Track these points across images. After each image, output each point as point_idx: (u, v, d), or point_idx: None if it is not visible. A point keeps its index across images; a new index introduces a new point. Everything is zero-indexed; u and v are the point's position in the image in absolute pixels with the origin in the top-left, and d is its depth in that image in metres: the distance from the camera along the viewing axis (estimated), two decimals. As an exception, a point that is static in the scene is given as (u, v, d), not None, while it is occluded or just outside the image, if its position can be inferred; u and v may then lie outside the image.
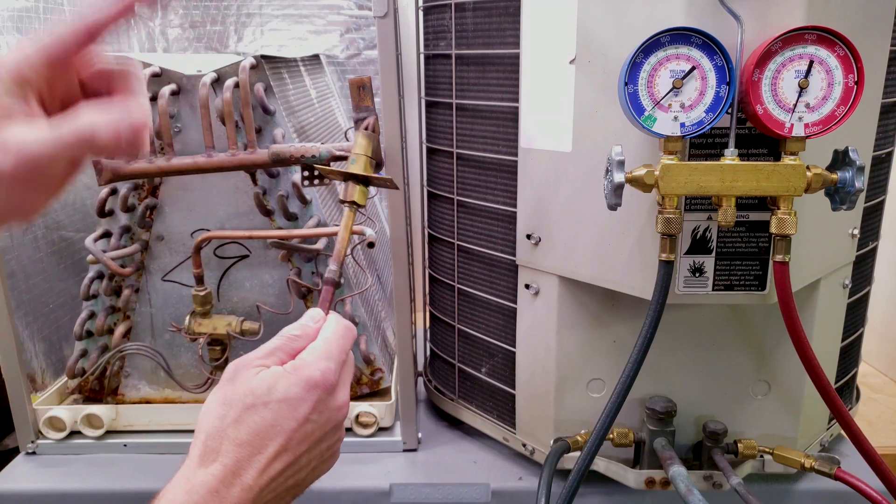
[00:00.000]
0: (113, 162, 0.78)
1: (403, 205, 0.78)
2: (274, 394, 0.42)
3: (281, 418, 0.42)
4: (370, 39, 1.34)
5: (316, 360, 0.44)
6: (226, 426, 0.41)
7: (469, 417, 0.89)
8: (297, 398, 0.42)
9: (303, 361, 0.44)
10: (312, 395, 0.43)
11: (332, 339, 0.46)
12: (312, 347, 0.45)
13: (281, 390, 0.42)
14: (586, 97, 0.65)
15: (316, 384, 0.43)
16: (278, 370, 0.43)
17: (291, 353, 0.45)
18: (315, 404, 0.43)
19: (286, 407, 0.42)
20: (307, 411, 0.43)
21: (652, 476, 0.73)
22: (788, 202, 0.58)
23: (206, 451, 0.41)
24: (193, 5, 1.32)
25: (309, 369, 0.43)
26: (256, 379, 0.43)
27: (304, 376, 0.43)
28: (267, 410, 0.42)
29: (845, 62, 0.56)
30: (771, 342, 0.72)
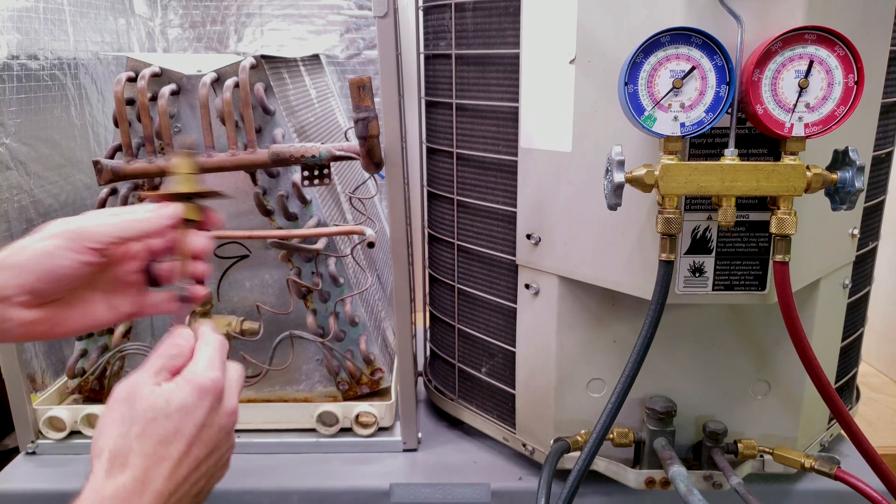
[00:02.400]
0: (113, 162, 0.78)
1: (403, 205, 0.78)
2: (172, 404, 0.45)
3: (181, 425, 0.45)
4: (370, 39, 1.34)
5: (204, 370, 0.47)
6: (130, 441, 0.43)
7: (469, 417, 0.89)
8: (193, 405, 0.45)
9: (192, 373, 0.47)
10: (205, 402, 0.46)
11: (213, 350, 0.49)
12: (196, 360, 0.48)
13: (178, 400, 0.45)
14: (586, 97, 0.65)
15: (207, 391, 0.46)
16: (170, 385, 0.46)
17: (174, 370, 0.48)
18: (209, 410, 0.46)
19: (184, 415, 0.45)
20: (202, 416, 0.46)
21: (652, 476, 0.73)
22: (788, 202, 0.58)
23: (112, 465, 0.43)
24: (193, 5, 1.32)
25: (199, 378, 0.47)
26: (154, 395, 0.45)
27: (197, 385, 0.46)
28: (168, 421, 0.44)
29: (845, 62, 0.56)
30: (771, 342, 0.72)
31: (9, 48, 0.90)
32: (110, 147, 0.82)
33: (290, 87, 0.94)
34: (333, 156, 0.76)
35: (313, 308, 0.85)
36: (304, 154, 0.76)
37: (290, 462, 0.85)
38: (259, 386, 0.88)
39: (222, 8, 1.32)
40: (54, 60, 1.00)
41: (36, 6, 0.97)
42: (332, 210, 0.91)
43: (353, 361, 0.87)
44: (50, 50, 0.99)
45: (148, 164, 0.77)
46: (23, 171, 0.93)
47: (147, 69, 0.79)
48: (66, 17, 1.04)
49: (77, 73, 1.06)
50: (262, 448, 0.87)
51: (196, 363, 0.48)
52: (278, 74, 0.90)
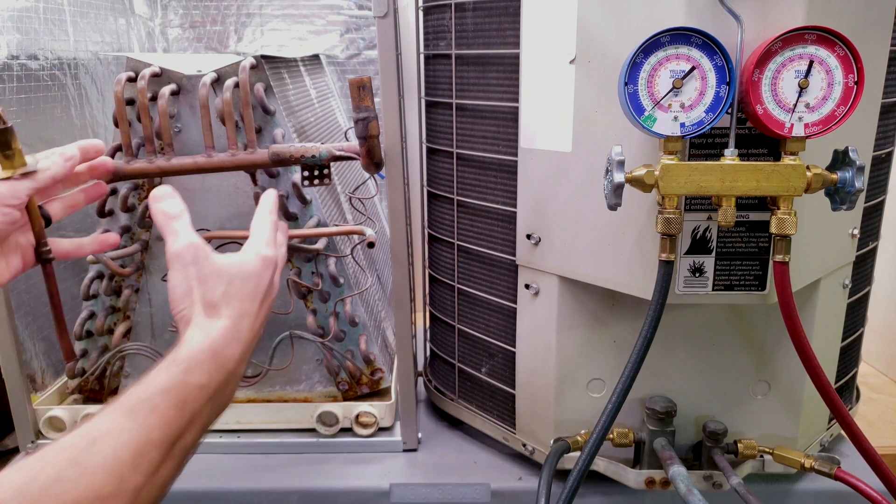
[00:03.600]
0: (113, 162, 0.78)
1: (403, 205, 0.78)
2: (246, 270, 0.55)
3: (256, 288, 0.55)
4: (370, 39, 1.34)
5: (266, 244, 0.58)
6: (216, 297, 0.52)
7: (469, 417, 0.89)
8: (261, 272, 0.56)
9: (258, 246, 0.58)
10: (268, 271, 0.57)
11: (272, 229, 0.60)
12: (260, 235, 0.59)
13: (250, 267, 0.55)
14: (586, 97, 0.65)
15: (270, 262, 0.57)
16: (240, 254, 0.57)
17: None
18: (270, 278, 0.57)
19: (257, 279, 0.55)
20: (267, 282, 0.56)
21: (652, 476, 0.73)
22: (788, 202, 0.58)
23: (207, 313, 0.51)
24: (193, 5, 1.32)
25: (264, 251, 0.57)
26: (227, 260, 0.55)
27: (262, 256, 0.57)
28: (246, 283, 0.54)
29: (845, 62, 0.56)
30: (771, 342, 0.72)
31: (9, 48, 0.90)
32: (110, 147, 0.82)
33: (290, 87, 0.94)
34: (333, 156, 0.76)
35: (313, 308, 0.85)
36: (304, 154, 0.76)
37: (290, 462, 0.85)
38: (259, 386, 0.88)
39: (222, 8, 1.32)
40: (54, 60, 1.00)
41: (36, 6, 0.97)
42: (332, 210, 0.91)
43: (353, 361, 0.87)
44: (50, 50, 0.99)
45: (148, 164, 0.77)
46: (23, 171, 0.93)
47: (147, 69, 0.79)
48: (66, 17, 1.04)
49: (77, 73, 1.06)
50: (262, 448, 0.87)
51: (258, 238, 0.58)
52: (278, 74, 0.90)
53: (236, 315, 0.52)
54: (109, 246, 0.70)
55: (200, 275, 0.52)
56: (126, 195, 0.83)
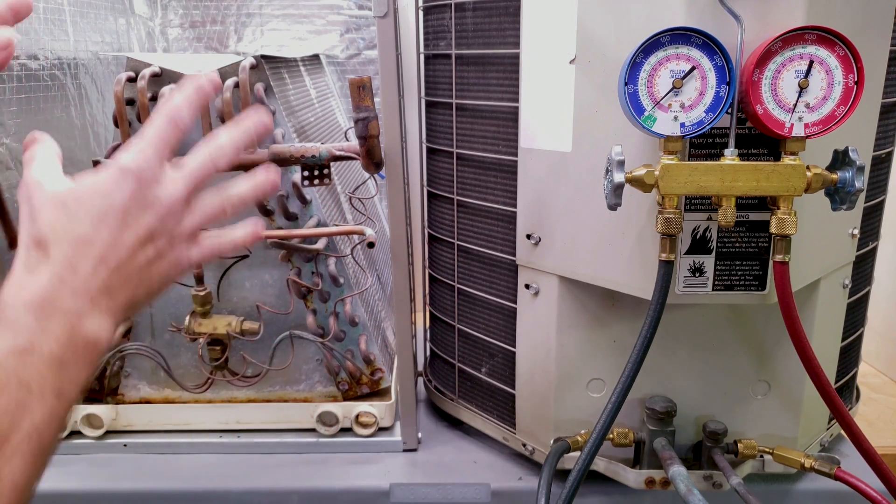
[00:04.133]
0: None
1: (403, 205, 0.78)
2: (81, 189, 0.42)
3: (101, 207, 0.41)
4: (370, 39, 1.34)
5: (127, 155, 0.43)
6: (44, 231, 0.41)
7: (469, 417, 0.89)
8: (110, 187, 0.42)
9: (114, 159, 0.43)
10: (126, 184, 0.42)
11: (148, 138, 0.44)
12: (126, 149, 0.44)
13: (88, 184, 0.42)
14: (586, 97, 0.65)
15: (127, 172, 0.42)
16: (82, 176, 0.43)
17: None
18: (131, 193, 0.42)
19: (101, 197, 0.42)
20: (124, 198, 0.42)
21: (652, 476, 0.73)
22: (788, 202, 0.58)
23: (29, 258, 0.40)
24: (193, 5, 1.32)
25: (118, 162, 0.43)
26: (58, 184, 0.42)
27: (115, 167, 0.42)
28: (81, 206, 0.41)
29: (845, 62, 0.56)
30: (771, 342, 0.72)
31: (9, 48, 0.90)
32: (110, 147, 0.82)
33: (290, 87, 0.94)
34: (333, 156, 0.76)
35: (313, 308, 0.85)
36: (304, 154, 0.76)
37: (290, 462, 0.85)
38: (259, 386, 0.88)
39: (222, 8, 1.32)
40: (54, 60, 1.00)
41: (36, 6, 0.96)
42: (332, 210, 0.91)
43: (353, 361, 0.87)
44: (50, 50, 0.99)
45: (148, 164, 0.77)
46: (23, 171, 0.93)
47: (147, 69, 0.79)
48: (66, 17, 1.04)
49: (77, 73, 1.06)
50: (262, 448, 0.87)
51: (128, 147, 0.44)
52: (278, 74, 0.90)
53: (68, 248, 0.40)
54: None
55: (29, 209, 0.41)
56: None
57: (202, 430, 0.88)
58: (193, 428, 0.88)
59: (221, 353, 0.85)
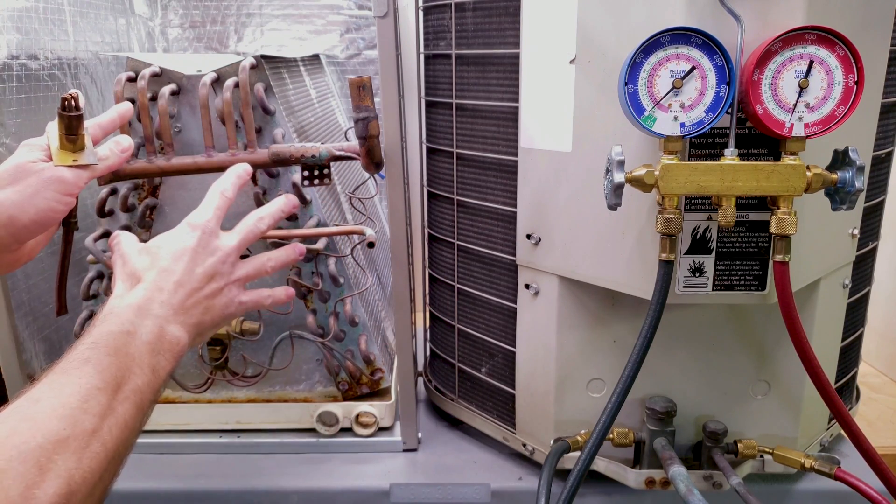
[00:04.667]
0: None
1: (403, 205, 0.78)
2: (165, 239, 0.59)
3: (178, 248, 0.58)
4: (370, 39, 1.34)
5: (193, 215, 0.61)
6: (138, 269, 0.57)
7: (469, 417, 0.89)
8: (184, 236, 0.59)
9: (185, 218, 0.61)
10: (195, 233, 0.59)
11: (206, 201, 0.63)
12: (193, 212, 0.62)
13: (168, 235, 0.59)
14: (586, 97, 0.65)
15: (196, 226, 0.60)
16: None
17: None
18: (199, 240, 0.59)
19: (178, 242, 0.58)
20: (194, 243, 0.58)
21: (652, 476, 0.73)
22: (788, 202, 0.58)
23: (129, 284, 0.56)
24: (193, 5, 1.32)
25: (189, 219, 0.61)
26: (145, 243, 0.60)
27: (186, 223, 0.60)
28: (163, 250, 0.58)
29: (845, 62, 0.56)
30: (771, 342, 0.72)
31: (9, 48, 0.90)
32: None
33: (290, 87, 0.94)
34: (333, 156, 0.76)
35: (313, 308, 0.85)
36: (304, 154, 0.76)
37: (290, 462, 0.85)
38: (259, 386, 0.88)
39: (222, 8, 1.32)
40: (54, 60, 1.00)
41: (36, 6, 0.96)
42: (332, 210, 0.91)
43: (353, 361, 0.87)
44: (50, 50, 0.99)
45: (148, 164, 0.77)
46: (23, 171, 0.93)
47: (147, 69, 0.79)
48: (66, 17, 1.04)
49: (77, 73, 1.06)
50: (262, 448, 0.87)
51: (192, 213, 0.61)
52: (278, 74, 0.90)
53: (156, 274, 0.56)
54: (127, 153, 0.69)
55: (122, 259, 0.58)
56: (126, 195, 0.83)
57: (202, 430, 0.88)
58: (193, 428, 0.88)
59: (221, 353, 0.85)
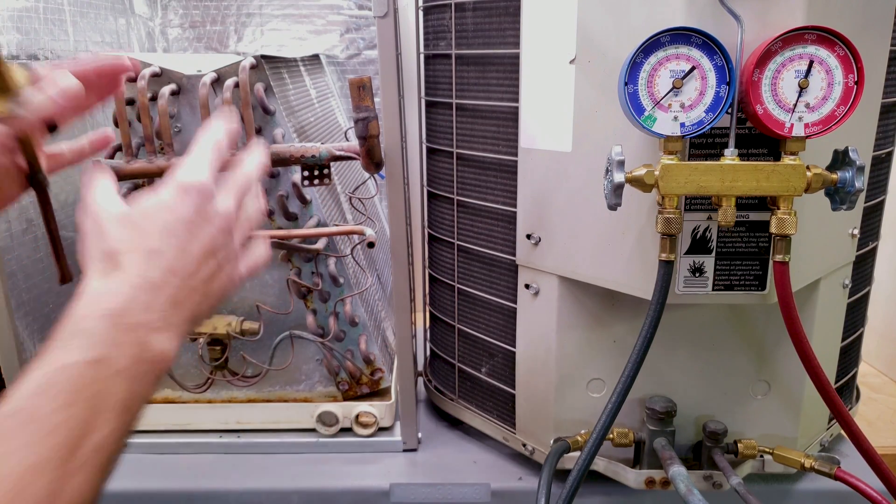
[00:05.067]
0: (113, 162, 0.78)
1: (403, 205, 0.78)
2: (149, 204, 0.42)
3: (167, 221, 0.42)
4: (370, 39, 1.34)
5: (185, 172, 0.44)
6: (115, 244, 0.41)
7: (469, 417, 0.89)
8: (174, 202, 0.43)
9: (173, 177, 0.44)
10: (189, 199, 0.43)
11: (202, 153, 0.46)
12: (182, 165, 0.45)
13: (154, 200, 0.43)
14: (586, 97, 0.65)
15: (190, 189, 0.43)
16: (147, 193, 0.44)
17: None
18: (195, 208, 0.43)
19: (167, 211, 0.42)
20: (188, 212, 0.43)
21: (652, 476, 0.73)
22: (788, 202, 0.58)
23: (105, 267, 0.41)
24: (193, 5, 1.32)
25: (179, 178, 0.43)
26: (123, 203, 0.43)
27: (177, 184, 0.43)
28: (149, 220, 0.42)
29: (845, 62, 0.56)
30: (771, 342, 0.72)
31: (9, 48, 0.90)
32: (110, 147, 0.82)
33: (290, 87, 0.94)
34: (333, 156, 0.76)
35: (313, 308, 0.85)
36: (304, 154, 0.76)
37: (290, 462, 0.85)
38: (259, 386, 0.88)
39: (222, 8, 1.32)
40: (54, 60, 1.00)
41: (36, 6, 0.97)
42: (332, 210, 0.91)
43: (353, 361, 0.87)
44: (50, 50, 0.99)
45: (148, 164, 0.77)
46: (23, 171, 0.93)
47: (147, 69, 0.79)
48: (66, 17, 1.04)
49: (77, 73, 1.06)
50: (262, 448, 0.87)
51: (181, 167, 0.44)
52: (278, 74, 0.90)
53: (139, 257, 0.40)
54: (107, 142, 0.59)
55: (96, 228, 0.42)
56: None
57: (202, 430, 0.88)
58: (193, 428, 0.88)
59: (221, 353, 0.85)
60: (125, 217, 0.42)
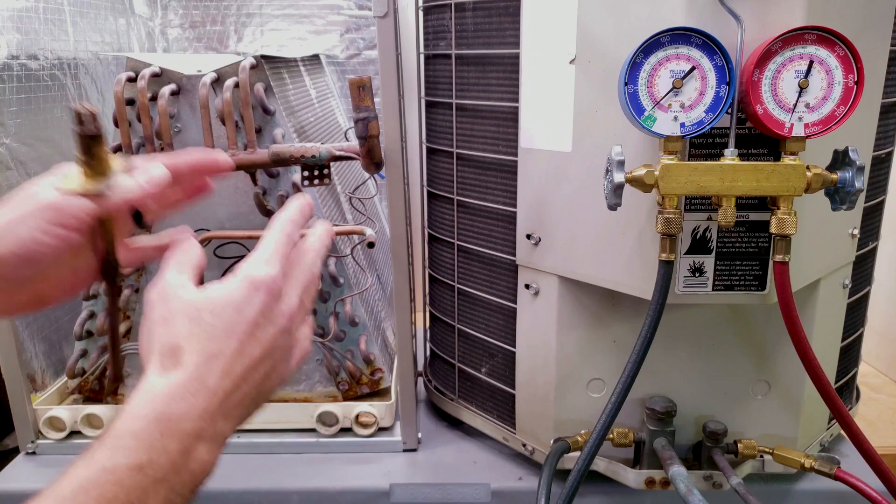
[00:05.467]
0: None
1: (403, 205, 0.78)
2: (219, 301, 0.42)
3: (232, 322, 0.41)
4: (370, 39, 1.34)
5: (258, 265, 0.43)
6: (178, 339, 0.41)
7: (469, 417, 0.89)
8: (243, 301, 0.42)
9: (245, 268, 0.43)
10: (258, 298, 0.42)
11: (273, 245, 0.45)
12: (254, 256, 0.44)
13: (225, 296, 0.42)
14: (586, 97, 0.65)
15: (260, 286, 0.42)
16: (218, 283, 0.43)
17: (197, 269, 0.46)
18: (262, 307, 0.42)
19: (234, 311, 0.42)
20: (254, 313, 0.42)
21: (652, 476, 0.73)
22: (788, 202, 0.58)
23: (164, 362, 0.40)
24: (193, 5, 1.32)
25: (252, 273, 0.43)
26: (195, 292, 0.43)
27: (248, 279, 0.42)
28: (216, 318, 0.41)
29: (845, 62, 0.56)
30: (771, 342, 0.72)
31: (9, 48, 0.91)
32: (111, 147, 0.82)
33: (290, 87, 0.94)
34: (333, 156, 0.76)
35: (313, 308, 0.85)
36: (304, 154, 0.76)
37: (290, 462, 0.85)
38: (259, 386, 0.88)
39: (222, 8, 1.32)
40: (54, 60, 1.00)
41: (36, 6, 0.97)
42: (332, 210, 0.91)
43: (353, 361, 0.87)
44: (50, 50, 0.99)
45: (148, 164, 0.77)
46: (23, 171, 0.93)
47: (147, 69, 0.79)
48: (66, 17, 1.04)
49: (77, 73, 1.06)
50: (262, 448, 0.87)
51: (253, 258, 0.44)
52: (278, 74, 0.90)
53: (200, 359, 0.40)
54: (156, 187, 0.53)
55: (164, 313, 0.42)
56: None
57: (202, 430, 0.88)
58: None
59: (221, 353, 0.85)
60: (194, 309, 0.42)
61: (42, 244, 0.44)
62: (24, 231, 0.44)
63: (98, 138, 0.46)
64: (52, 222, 0.44)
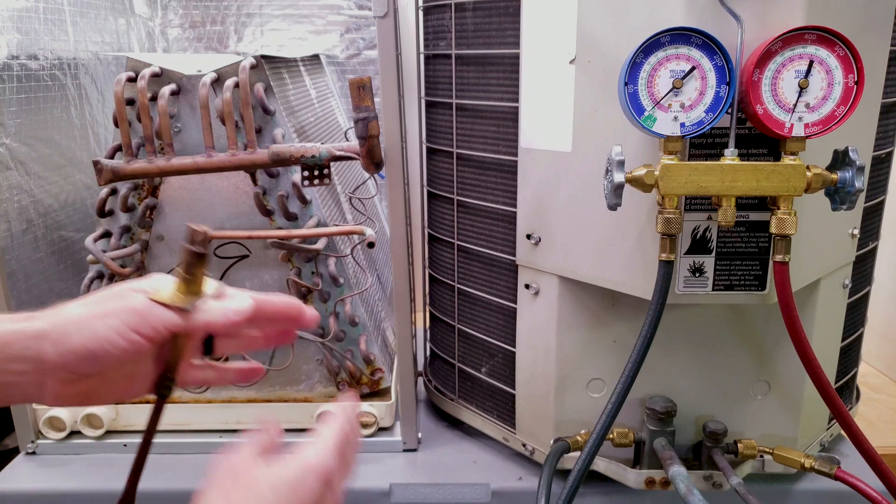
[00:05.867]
0: (113, 162, 0.78)
1: (403, 205, 0.78)
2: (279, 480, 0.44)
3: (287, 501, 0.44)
4: (370, 39, 1.34)
5: (315, 452, 0.46)
6: None
7: (469, 417, 0.89)
8: (298, 483, 0.44)
9: (303, 453, 0.46)
10: (311, 482, 0.45)
11: (329, 435, 0.48)
12: (313, 443, 0.47)
13: (284, 477, 0.45)
14: (586, 97, 0.65)
15: (314, 471, 0.45)
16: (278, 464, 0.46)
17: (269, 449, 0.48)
18: (315, 492, 0.45)
19: (290, 491, 0.44)
20: (308, 496, 0.44)
21: (652, 476, 0.73)
22: (788, 202, 0.58)
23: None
24: (193, 5, 1.32)
25: (308, 459, 0.46)
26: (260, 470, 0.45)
27: (305, 464, 0.45)
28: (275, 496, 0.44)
29: (845, 62, 0.56)
30: (771, 342, 0.72)
31: (9, 48, 0.91)
32: (110, 147, 0.82)
33: (290, 87, 0.94)
34: (333, 156, 0.76)
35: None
36: (304, 154, 0.76)
37: (290, 462, 0.84)
38: (259, 386, 0.88)
39: (222, 8, 1.32)
40: (54, 60, 1.00)
41: (36, 6, 0.97)
42: (332, 210, 0.91)
43: (353, 361, 0.87)
44: (50, 50, 0.99)
45: (148, 164, 0.77)
46: (23, 171, 0.93)
47: (147, 69, 0.79)
48: (66, 17, 1.04)
49: (77, 73, 1.06)
50: (262, 448, 0.86)
51: (311, 445, 0.47)
52: (278, 74, 0.90)
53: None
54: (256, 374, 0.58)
55: (231, 488, 0.45)
56: (126, 195, 0.83)
57: (202, 430, 0.88)
58: (193, 428, 0.88)
59: (221, 353, 0.85)
60: (255, 484, 0.44)
61: (114, 345, 0.45)
62: (101, 328, 0.45)
63: (203, 258, 0.47)
64: (131, 326, 0.45)
